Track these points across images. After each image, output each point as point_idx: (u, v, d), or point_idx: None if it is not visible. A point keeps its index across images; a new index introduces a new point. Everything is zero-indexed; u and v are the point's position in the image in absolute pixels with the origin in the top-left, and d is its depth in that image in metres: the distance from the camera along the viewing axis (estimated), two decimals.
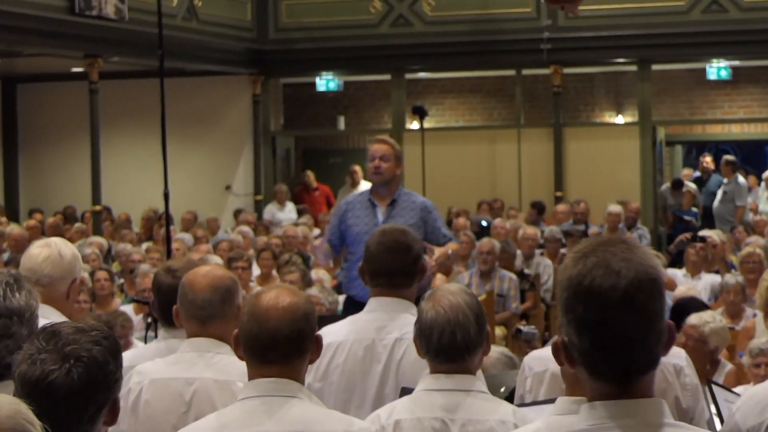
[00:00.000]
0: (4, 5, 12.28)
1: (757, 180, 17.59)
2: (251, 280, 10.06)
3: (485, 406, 3.29)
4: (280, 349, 3.01)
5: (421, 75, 18.60)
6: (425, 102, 16.90)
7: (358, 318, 4.18)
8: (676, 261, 11.28)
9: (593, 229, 13.42)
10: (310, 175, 17.38)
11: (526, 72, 16.95)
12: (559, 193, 15.94)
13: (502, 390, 4.26)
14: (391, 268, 4.10)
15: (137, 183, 16.22)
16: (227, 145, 17.17)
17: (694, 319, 5.97)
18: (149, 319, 6.30)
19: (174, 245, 10.39)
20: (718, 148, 19.81)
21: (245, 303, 3.17)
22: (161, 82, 8.27)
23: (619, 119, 18.90)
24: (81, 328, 2.54)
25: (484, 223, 14.02)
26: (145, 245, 12.63)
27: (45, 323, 2.67)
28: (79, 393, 2.44)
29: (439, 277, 9.99)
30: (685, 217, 15.80)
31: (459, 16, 16.03)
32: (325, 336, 3.40)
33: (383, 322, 4.07)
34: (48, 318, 3.56)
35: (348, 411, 3.73)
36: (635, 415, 2.07)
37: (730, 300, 8.56)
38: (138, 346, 6.90)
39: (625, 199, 14.59)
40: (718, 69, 16.65)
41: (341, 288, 7.58)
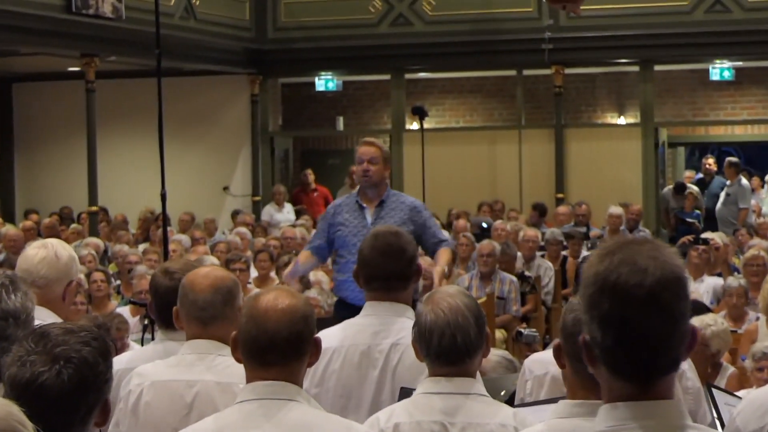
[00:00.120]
0: (0, 4, 12.28)
1: (760, 182, 17.60)
2: (249, 282, 10.06)
3: (485, 410, 3.29)
4: (279, 351, 3.01)
5: (421, 75, 18.60)
6: (425, 102, 16.89)
7: (353, 323, 4.16)
8: None
9: (595, 232, 13.42)
10: (310, 175, 17.36)
11: (527, 72, 16.95)
12: (560, 195, 15.93)
13: (503, 393, 4.26)
14: (386, 272, 4.09)
15: (134, 184, 16.21)
16: (225, 146, 17.16)
17: (696, 322, 5.95)
18: (146, 321, 6.31)
19: (171, 246, 10.39)
20: (721, 149, 19.81)
21: (244, 305, 3.17)
22: (158, 82, 8.27)
23: (621, 120, 18.90)
24: (70, 329, 2.53)
25: (485, 225, 14.02)
26: (142, 246, 12.63)
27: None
28: (70, 394, 2.44)
29: None
30: (687, 220, 15.80)
31: (459, 16, 16.03)
32: None
33: (379, 326, 4.06)
34: (43, 320, 3.54)
35: (345, 417, 3.70)
36: (656, 416, 2.07)
37: (732, 303, 8.56)
38: (134, 348, 6.90)
39: (627, 201, 14.58)
40: (721, 70, 16.65)
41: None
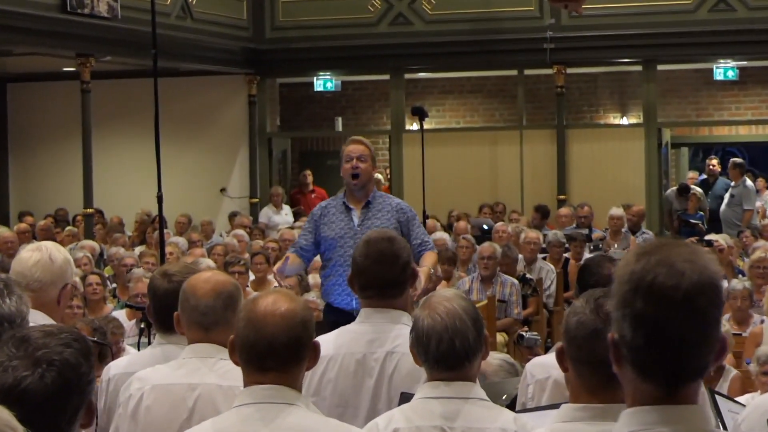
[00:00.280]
0: None
1: (765, 183, 17.61)
2: (247, 285, 10.05)
3: (485, 414, 3.29)
4: (278, 356, 3.01)
5: (421, 75, 18.61)
6: (425, 103, 16.89)
7: (348, 330, 4.15)
8: None
9: (597, 234, 13.41)
10: (308, 176, 17.36)
11: (528, 72, 16.96)
12: (562, 196, 15.93)
13: (504, 398, 4.25)
14: (380, 279, 4.08)
15: (130, 185, 16.21)
16: (222, 147, 17.16)
17: None
18: (142, 325, 6.31)
19: (168, 249, 10.38)
20: (725, 150, 19.81)
21: (241, 308, 3.17)
22: (155, 82, 8.27)
23: (624, 121, 18.90)
24: (50, 332, 2.54)
25: (486, 227, 14.01)
26: (138, 249, 12.63)
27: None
28: (54, 397, 2.45)
29: (441, 282, 10.01)
30: (691, 221, 15.80)
31: (460, 15, 16.04)
32: None
33: (374, 334, 4.06)
34: (38, 324, 3.55)
35: None
36: (683, 421, 2.06)
37: (736, 306, 8.56)
38: (130, 352, 6.90)
39: (630, 203, 14.57)
40: (725, 69, 16.65)
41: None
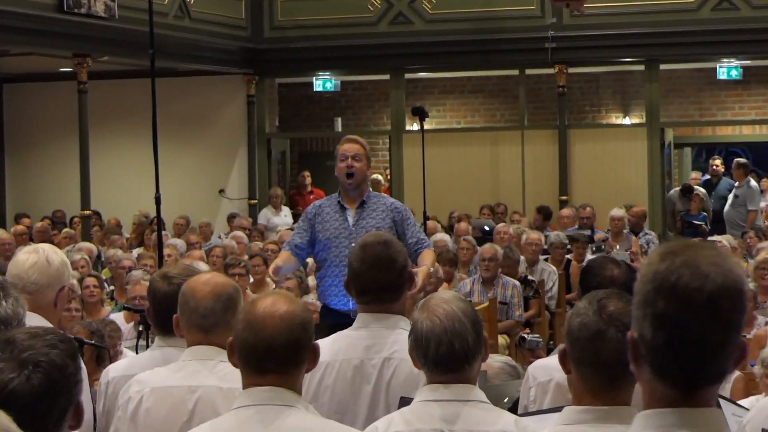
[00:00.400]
0: None
1: None
2: (247, 288, 10.04)
3: (485, 416, 3.28)
4: (277, 358, 3.01)
5: (421, 75, 18.60)
6: (425, 103, 16.88)
7: (345, 335, 4.15)
8: None
9: (599, 235, 13.40)
10: (307, 177, 17.35)
11: (529, 72, 16.95)
12: (563, 197, 15.93)
13: (506, 401, 4.24)
14: (377, 284, 4.07)
15: (128, 187, 16.20)
16: (221, 148, 17.16)
17: None
18: (140, 327, 6.31)
19: (166, 251, 10.37)
20: (729, 150, 19.81)
21: (240, 310, 3.17)
22: (152, 83, 8.26)
23: (626, 120, 18.90)
24: (35, 334, 2.54)
25: (487, 228, 14.01)
26: (136, 251, 12.63)
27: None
28: (42, 399, 2.45)
29: (442, 285, 10.01)
30: (694, 222, 15.80)
31: (460, 14, 16.04)
32: None
33: (371, 340, 4.06)
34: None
35: None
36: (700, 424, 2.05)
37: None
38: (127, 354, 6.90)
39: (633, 203, 14.57)
40: (728, 69, 16.65)
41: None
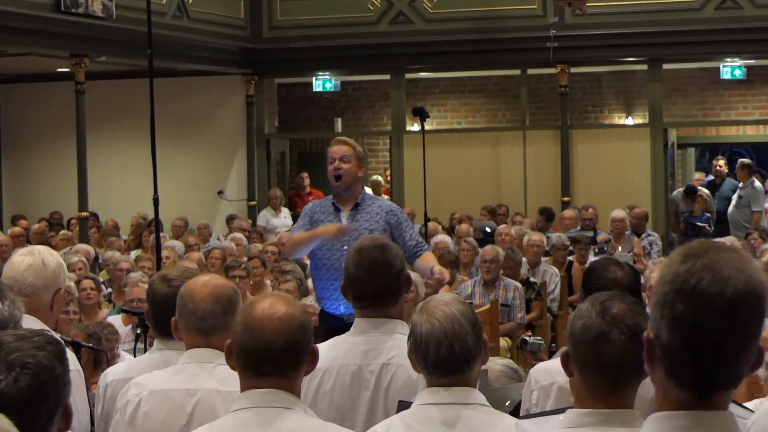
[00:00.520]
0: None
1: None
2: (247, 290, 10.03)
3: (486, 419, 3.27)
4: (275, 361, 3.02)
5: (422, 75, 18.60)
6: (426, 103, 16.88)
7: (342, 341, 4.15)
8: None
9: (602, 236, 13.40)
10: (306, 178, 17.35)
11: (531, 71, 16.95)
12: (566, 198, 15.92)
13: (507, 404, 4.24)
14: (374, 289, 4.07)
15: (125, 188, 16.21)
16: (219, 149, 17.16)
17: None
18: (138, 330, 6.30)
19: (164, 253, 10.37)
20: (732, 150, 19.81)
21: (238, 312, 3.17)
22: (150, 83, 8.26)
23: (629, 121, 18.90)
24: (22, 335, 2.54)
25: (488, 230, 14.00)
26: (134, 253, 12.63)
27: None
28: (30, 401, 2.45)
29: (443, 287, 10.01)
30: (697, 224, 15.79)
31: (461, 14, 16.03)
32: None
33: (369, 345, 4.05)
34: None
35: None
36: (714, 427, 2.05)
37: None
38: (125, 357, 6.90)
39: (635, 204, 14.56)
40: (732, 68, 16.64)
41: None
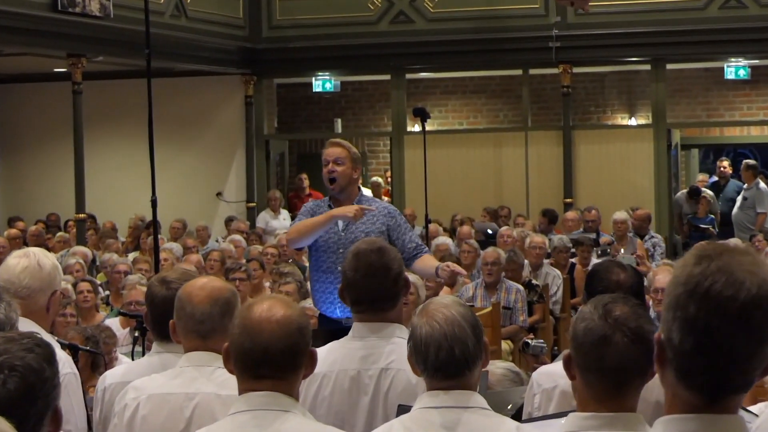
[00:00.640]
0: None
1: None
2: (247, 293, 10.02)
3: (486, 423, 3.27)
4: (274, 364, 3.02)
5: (423, 75, 18.60)
6: (427, 103, 16.87)
7: (341, 345, 4.15)
8: None
9: (605, 238, 13.40)
10: (305, 179, 17.34)
11: (533, 71, 16.95)
12: (568, 200, 15.91)
13: (509, 408, 4.24)
14: (371, 294, 4.07)
15: (123, 189, 16.20)
16: (218, 150, 17.16)
17: None
18: (136, 333, 6.30)
19: (162, 255, 10.36)
20: (737, 151, 19.81)
21: (236, 315, 3.17)
22: (148, 83, 8.26)
23: (632, 121, 18.89)
24: (10, 338, 2.54)
25: (490, 232, 14.00)
26: (132, 255, 12.62)
27: None
28: (18, 404, 2.44)
29: (444, 289, 9.99)
30: (701, 226, 15.79)
31: (462, 13, 16.03)
32: None
33: (368, 350, 4.05)
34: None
35: None
36: (723, 431, 2.05)
37: None
38: (123, 361, 6.89)
39: (639, 206, 14.56)
40: (736, 68, 16.64)
41: None
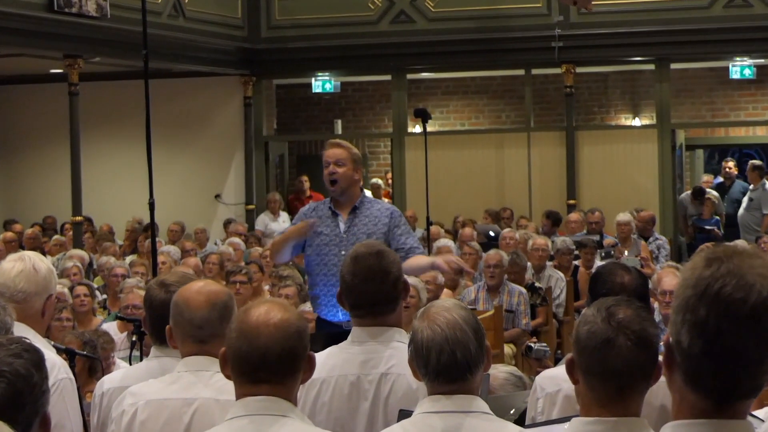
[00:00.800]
0: None
1: None
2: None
3: (489, 428, 3.27)
4: (272, 368, 3.01)
5: (424, 75, 18.60)
6: (428, 104, 16.87)
7: (340, 350, 4.14)
8: None
9: (608, 240, 13.39)
10: (305, 181, 17.34)
11: (536, 72, 16.94)
12: (571, 201, 15.91)
13: (512, 412, 4.23)
14: (370, 298, 4.07)
15: (120, 192, 16.20)
16: (217, 151, 17.15)
17: None
18: (134, 338, 6.29)
19: (160, 258, 10.37)
20: (742, 152, 19.79)
21: (234, 319, 3.16)
22: (146, 84, 8.25)
23: (636, 122, 18.89)
24: None
25: (492, 234, 13.99)
26: (129, 258, 12.62)
27: None
28: (5, 409, 2.45)
29: (445, 291, 10.00)
30: (706, 227, 15.78)
31: (464, 12, 16.02)
32: None
33: (367, 354, 4.05)
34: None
35: None
36: None
37: None
38: (121, 366, 6.89)
39: (643, 207, 14.55)
40: (741, 68, 16.63)
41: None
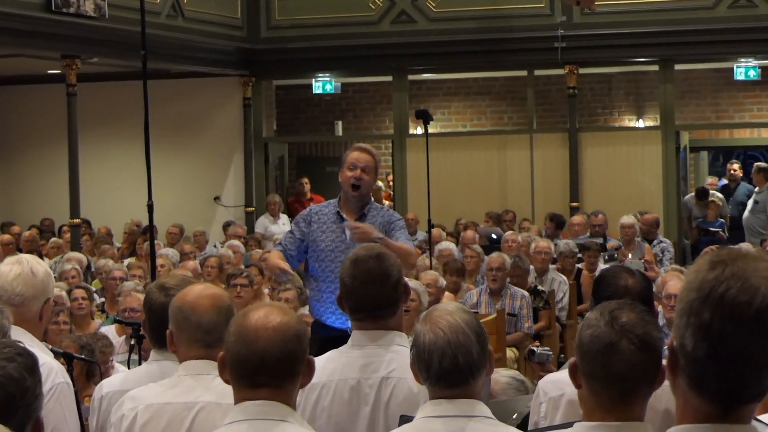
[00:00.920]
0: None
1: None
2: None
3: None
4: (270, 372, 3.01)
5: (425, 76, 18.59)
6: (430, 105, 16.88)
7: (340, 354, 4.14)
8: None
9: (612, 243, 13.39)
10: (306, 183, 17.35)
11: (538, 72, 16.94)
12: (574, 204, 15.91)
13: (515, 417, 4.23)
14: (371, 301, 4.07)
15: (119, 194, 16.20)
16: (216, 153, 17.15)
17: None
18: (132, 341, 6.29)
19: (159, 261, 10.36)
20: (747, 154, 19.80)
21: (232, 322, 3.16)
22: (144, 85, 8.25)
23: (640, 123, 18.89)
24: None
25: (494, 236, 13.98)
26: (128, 261, 12.61)
27: None
28: None
29: (447, 295, 10.00)
30: (710, 229, 15.77)
31: (466, 13, 16.02)
32: None
33: (368, 358, 4.05)
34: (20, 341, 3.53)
35: None
36: None
37: None
38: (119, 369, 6.89)
39: (646, 210, 14.54)
40: (746, 69, 16.63)
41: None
